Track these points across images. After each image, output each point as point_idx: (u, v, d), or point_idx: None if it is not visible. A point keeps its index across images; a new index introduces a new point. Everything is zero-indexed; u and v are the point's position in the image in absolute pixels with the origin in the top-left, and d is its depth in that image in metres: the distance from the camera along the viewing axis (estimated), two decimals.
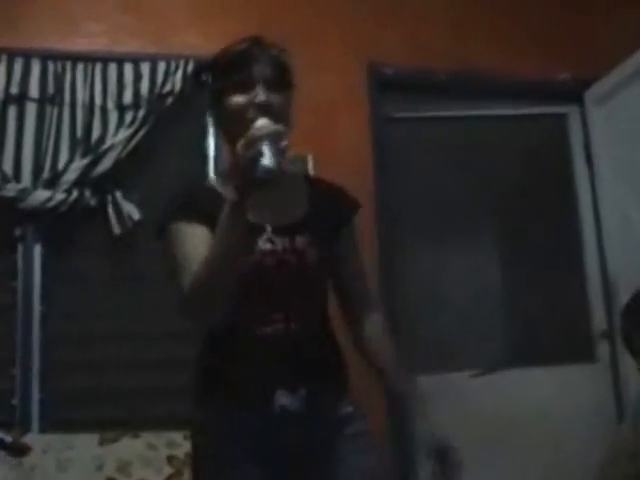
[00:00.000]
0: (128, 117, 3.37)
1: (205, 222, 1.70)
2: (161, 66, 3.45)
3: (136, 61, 3.44)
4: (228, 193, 1.56)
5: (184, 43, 3.49)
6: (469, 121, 3.92)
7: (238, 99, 1.72)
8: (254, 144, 1.51)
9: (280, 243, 1.76)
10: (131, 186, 3.38)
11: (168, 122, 3.44)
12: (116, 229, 3.31)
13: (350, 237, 1.91)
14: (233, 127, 1.71)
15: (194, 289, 1.62)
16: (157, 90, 3.40)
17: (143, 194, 3.36)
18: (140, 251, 3.35)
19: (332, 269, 1.87)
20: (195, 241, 1.70)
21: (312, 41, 3.58)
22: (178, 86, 3.41)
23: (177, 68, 3.45)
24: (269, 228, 1.77)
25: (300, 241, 1.78)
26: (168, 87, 3.42)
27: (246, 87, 1.72)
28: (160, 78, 3.43)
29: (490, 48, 3.83)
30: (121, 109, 3.37)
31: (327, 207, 1.85)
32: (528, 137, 3.98)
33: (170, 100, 3.41)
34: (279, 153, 1.50)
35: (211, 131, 3.47)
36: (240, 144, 1.53)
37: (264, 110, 1.68)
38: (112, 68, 3.42)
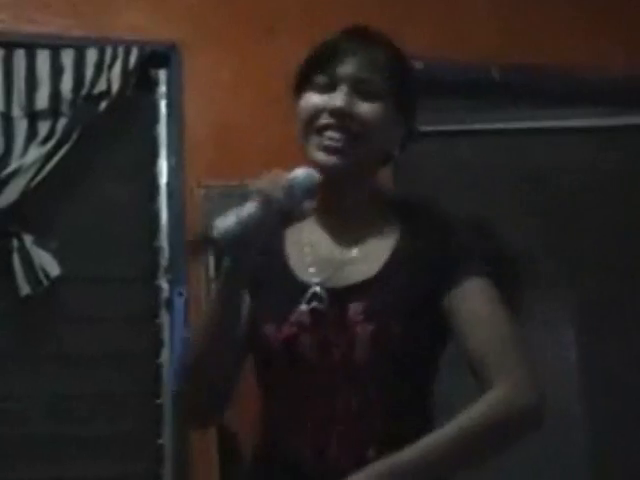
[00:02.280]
0: (43, 128, 3.14)
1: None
2: (91, 55, 3.23)
3: (55, 48, 3.22)
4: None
5: (126, 22, 3.30)
6: (530, 136, 3.77)
7: (312, 99, 1.67)
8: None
9: (327, 310, 1.61)
10: (47, 228, 3.19)
11: (101, 136, 3.26)
12: (24, 289, 3.07)
13: (463, 299, 1.60)
14: (301, 132, 1.67)
15: (187, 364, 1.65)
16: (85, 90, 3.18)
17: (65, 239, 3.17)
18: (60, 321, 3.14)
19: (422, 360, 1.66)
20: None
21: (313, 28, 3.23)
22: (116, 85, 3.18)
23: (115, 58, 3.22)
24: (316, 286, 1.62)
25: (354, 309, 1.60)
26: (101, 86, 3.19)
27: (328, 86, 1.66)
28: (90, 72, 3.20)
29: (560, 37, 3.67)
30: (32, 117, 3.16)
31: (423, 255, 1.64)
32: (615, 157, 3.82)
33: (104, 104, 3.18)
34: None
35: (163, 150, 3.30)
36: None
37: (340, 119, 1.62)
38: (19, 57, 3.19)
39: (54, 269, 3.07)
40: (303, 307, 1.64)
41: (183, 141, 3.17)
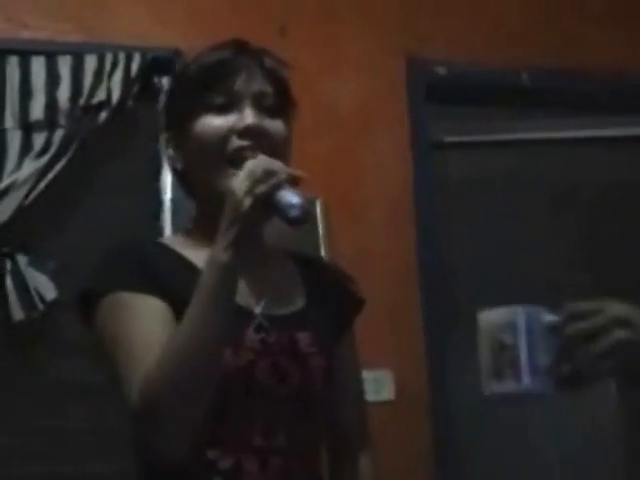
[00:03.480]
0: (38, 141, 3.12)
1: (165, 295, 1.57)
2: (90, 62, 3.20)
3: (51, 54, 3.19)
4: (213, 251, 1.48)
5: (126, 27, 3.29)
6: (567, 147, 3.73)
7: (215, 121, 1.63)
8: (265, 180, 1.46)
9: (276, 338, 1.62)
10: (43, 248, 3.17)
11: (101, 149, 3.24)
12: (18, 314, 3.04)
13: (351, 346, 1.85)
14: (203, 163, 1.63)
15: (160, 389, 1.45)
16: (83, 99, 3.16)
17: (62, 260, 3.14)
18: (57, 347, 3.12)
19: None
20: (154, 321, 1.55)
21: (326, 31, 3.47)
22: (117, 93, 3.16)
23: (115, 65, 3.20)
24: (258, 312, 1.63)
25: (303, 340, 1.66)
26: (101, 95, 3.17)
27: (228, 106, 1.64)
28: (88, 81, 3.18)
29: (594, 40, 3.63)
30: (27, 129, 3.14)
31: (329, 298, 1.77)
32: None
33: (104, 115, 3.16)
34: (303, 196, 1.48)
35: (167, 164, 3.07)
36: (240, 180, 1.46)
37: (254, 139, 1.60)
38: (12, 64, 3.17)
39: (50, 292, 3.04)
40: (252, 334, 1.61)
41: None
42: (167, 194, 3.25)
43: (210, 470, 1.56)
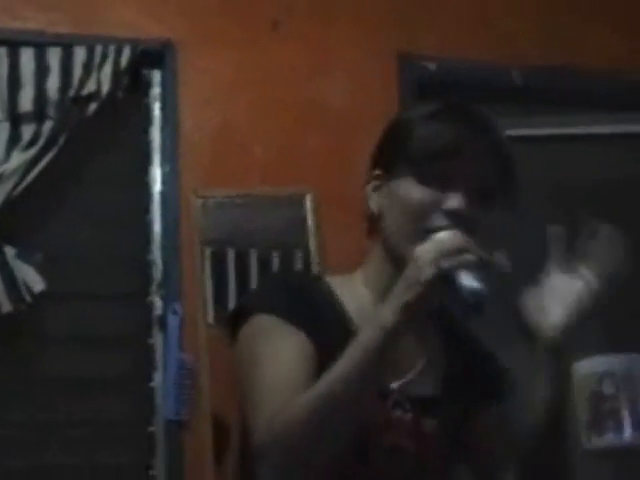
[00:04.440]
0: (27, 132, 3.14)
1: (313, 333, 1.54)
2: (79, 54, 3.21)
3: (40, 45, 3.20)
4: (381, 311, 1.43)
5: (117, 19, 3.29)
6: (558, 144, 3.72)
7: (422, 193, 1.56)
8: (455, 256, 1.40)
9: (401, 418, 1.59)
10: (31, 240, 3.17)
11: (90, 141, 3.24)
12: (5, 306, 3.03)
13: (490, 428, 1.70)
14: (398, 223, 1.57)
15: (286, 429, 1.43)
16: (73, 91, 3.16)
17: (50, 252, 3.14)
18: (45, 341, 3.12)
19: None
20: (297, 356, 1.53)
21: (318, 27, 3.43)
22: (106, 86, 3.17)
23: (105, 57, 3.21)
24: (393, 389, 1.60)
25: (430, 426, 1.62)
26: (91, 86, 3.17)
27: (442, 183, 1.56)
28: (78, 72, 3.19)
29: (586, 36, 3.62)
30: (15, 120, 3.15)
31: (468, 387, 1.69)
32: None
33: (94, 107, 3.17)
34: (487, 285, 1.40)
35: (157, 156, 3.29)
36: (427, 248, 1.42)
37: (454, 224, 1.52)
38: (1, 55, 3.17)
39: (38, 284, 3.04)
40: (379, 406, 1.58)
41: (178, 147, 3.14)
42: (156, 187, 3.25)
43: None
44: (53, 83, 3.14)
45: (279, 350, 1.54)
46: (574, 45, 3.68)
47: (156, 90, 3.28)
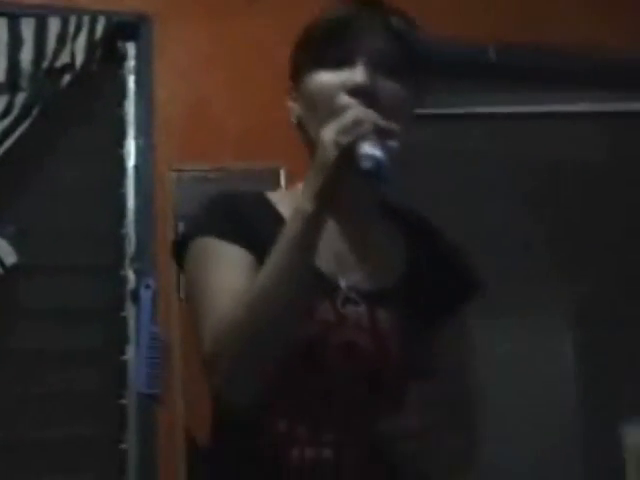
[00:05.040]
0: None
1: (251, 247, 1.56)
2: (53, 25, 3.19)
3: (13, 16, 3.18)
4: (299, 201, 1.45)
5: None
6: (532, 121, 3.76)
7: (325, 77, 1.58)
8: (352, 130, 1.40)
9: (353, 315, 1.58)
10: (3, 212, 3.17)
11: (64, 113, 3.22)
12: None
13: (452, 338, 1.71)
14: (312, 117, 1.59)
15: (229, 337, 1.46)
16: (46, 63, 3.15)
17: (23, 224, 3.14)
18: (18, 314, 3.11)
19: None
20: (235, 269, 1.55)
21: (289, 1, 3.35)
22: (80, 57, 3.16)
23: (79, 29, 3.19)
24: (343, 285, 1.59)
25: (385, 319, 1.60)
26: (65, 58, 3.16)
27: (340, 62, 1.57)
28: (52, 44, 3.17)
29: (563, 14, 3.64)
30: None
31: (433, 279, 1.69)
32: (627, 147, 3.83)
33: (68, 79, 3.15)
34: (389, 152, 1.39)
35: (131, 130, 3.28)
36: (329, 129, 1.43)
37: (362, 98, 1.53)
38: None
39: (10, 257, 3.05)
40: (328, 305, 1.59)
41: (153, 120, 3.12)
42: (130, 161, 3.24)
43: (263, 435, 1.56)
44: (27, 54, 3.12)
45: (219, 265, 1.57)
46: (548, 23, 3.68)
47: (131, 63, 3.27)
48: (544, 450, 3.55)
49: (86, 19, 3.17)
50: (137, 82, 3.25)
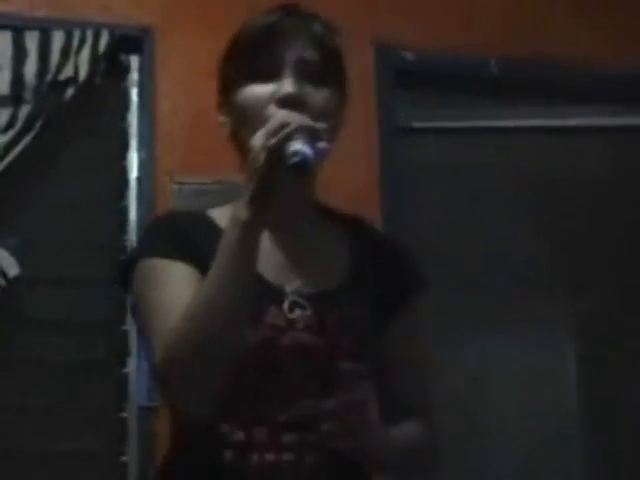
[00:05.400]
0: (3, 116, 3.11)
1: (196, 263, 1.58)
2: (57, 38, 3.20)
3: (18, 29, 3.19)
4: (234, 209, 1.48)
5: (95, 3, 3.28)
6: (534, 135, 3.73)
7: (255, 90, 1.61)
8: (278, 132, 1.43)
9: (301, 318, 1.60)
10: (6, 224, 3.17)
11: (67, 125, 3.23)
12: None
13: (403, 334, 1.74)
14: (244, 130, 1.61)
15: (177, 347, 1.47)
16: (50, 76, 3.15)
17: (25, 236, 3.14)
18: (20, 325, 3.11)
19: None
20: (181, 285, 1.57)
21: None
22: (84, 70, 3.16)
23: (83, 42, 3.20)
24: (289, 290, 1.62)
25: (332, 320, 1.61)
26: (68, 71, 3.16)
27: (269, 74, 1.61)
28: (55, 57, 3.18)
29: (564, 28, 3.63)
30: None
31: (378, 278, 1.71)
32: (628, 161, 3.82)
33: (71, 91, 3.16)
34: (316, 150, 1.44)
35: (134, 142, 3.27)
36: (257, 136, 1.45)
37: (291, 108, 1.54)
38: None
39: (13, 269, 3.04)
40: (276, 310, 1.60)
41: (155, 133, 3.13)
42: (133, 173, 3.24)
43: (222, 443, 1.56)
44: (31, 67, 3.12)
45: (167, 282, 1.58)
46: (549, 37, 3.67)
47: (134, 75, 3.27)
48: (546, 463, 3.50)
49: (90, 32, 3.18)
50: (140, 94, 3.26)
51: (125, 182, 3.23)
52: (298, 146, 1.41)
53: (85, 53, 3.15)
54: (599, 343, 3.70)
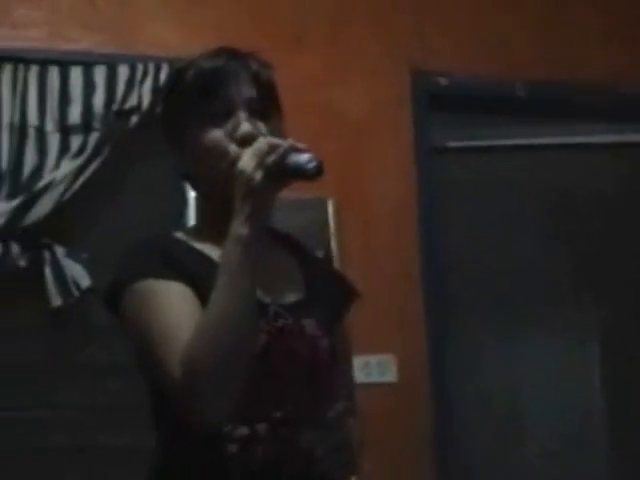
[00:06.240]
0: (75, 143, 3.22)
1: (189, 282, 1.59)
2: (122, 71, 3.33)
3: (88, 64, 3.31)
4: (233, 227, 1.50)
5: (156, 39, 3.39)
6: (559, 153, 3.76)
7: (214, 134, 1.65)
8: (272, 152, 1.48)
9: (285, 326, 1.67)
10: (78, 240, 3.27)
11: (132, 151, 3.34)
12: (55, 300, 3.16)
13: (342, 334, 1.86)
14: (209, 171, 1.65)
15: (197, 360, 1.47)
16: (116, 105, 3.28)
17: (95, 251, 3.24)
18: (90, 332, 3.21)
19: None
20: (183, 303, 1.57)
21: (333, 40, 3.54)
22: (146, 100, 3.28)
23: (145, 75, 3.33)
24: (267, 302, 1.66)
25: (309, 325, 1.70)
26: (132, 101, 3.29)
27: (222, 116, 1.66)
28: (121, 88, 3.30)
29: (596, 50, 3.71)
30: (65, 132, 3.24)
31: (325, 290, 1.81)
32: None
33: (135, 119, 3.28)
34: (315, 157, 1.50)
35: None
36: (245, 160, 1.49)
37: (249, 144, 1.55)
38: (53, 73, 3.28)
39: (85, 280, 3.16)
40: (264, 320, 1.64)
41: None
42: (191, 193, 3.03)
43: (225, 439, 1.59)
44: (99, 98, 3.25)
45: (164, 302, 1.58)
46: (573, 61, 3.67)
47: None
48: (570, 463, 3.52)
49: (151, 66, 3.29)
50: None
51: (184, 201, 3.27)
52: (305, 157, 1.47)
53: (147, 85, 3.27)
54: (620, 346, 3.69)
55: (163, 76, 3.25)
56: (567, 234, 3.69)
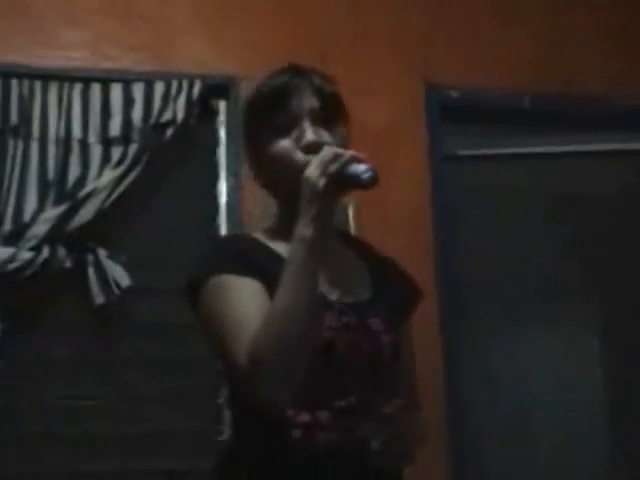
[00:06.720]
0: (115, 154, 3.29)
1: (261, 278, 1.66)
2: (159, 87, 3.39)
3: (126, 81, 3.38)
4: (297, 228, 1.57)
5: (189, 58, 3.46)
6: (563, 160, 3.80)
7: (282, 144, 1.73)
8: (335, 161, 1.55)
9: (350, 322, 1.72)
10: (119, 243, 3.33)
11: (168, 160, 3.41)
12: (98, 298, 3.23)
13: (406, 336, 1.89)
14: (280, 177, 1.74)
15: (264, 351, 1.54)
16: (153, 119, 3.34)
17: (134, 253, 3.32)
18: (130, 328, 3.30)
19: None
20: (254, 298, 1.64)
21: (352, 56, 3.59)
22: (181, 114, 3.35)
23: (180, 90, 3.39)
24: (333, 300, 1.73)
25: (374, 323, 1.75)
26: (168, 115, 3.35)
27: (289, 127, 1.74)
28: (157, 103, 3.37)
29: (596, 64, 3.77)
30: (106, 143, 3.31)
31: (391, 291, 1.84)
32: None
33: (170, 132, 3.34)
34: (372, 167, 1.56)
35: (223, 173, 3.44)
36: (311, 169, 1.56)
37: (314, 152, 1.65)
38: (95, 90, 3.36)
39: (125, 280, 3.22)
40: (330, 316, 1.69)
41: (241, 164, 3.18)
42: (223, 199, 3.39)
43: (289, 424, 1.64)
44: (137, 113, 3.31)
45: (239, 297, 1.64)
46: (574, 75, 3.72)
47: (222, 117, 3.42)
48: (572, 459, 3.51)
49: (185, 82, 3.35)
50: (227, 133, 3.41)
51: (216, 207, 3.39)
52: (362, 167, 1.54)
53: (181, 100, 3.33)
54: (623, 342, 3.70)
55: (196, 92, 3.33)
56: (573, 237, 3.70)
